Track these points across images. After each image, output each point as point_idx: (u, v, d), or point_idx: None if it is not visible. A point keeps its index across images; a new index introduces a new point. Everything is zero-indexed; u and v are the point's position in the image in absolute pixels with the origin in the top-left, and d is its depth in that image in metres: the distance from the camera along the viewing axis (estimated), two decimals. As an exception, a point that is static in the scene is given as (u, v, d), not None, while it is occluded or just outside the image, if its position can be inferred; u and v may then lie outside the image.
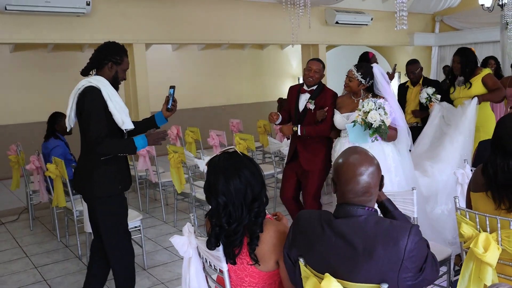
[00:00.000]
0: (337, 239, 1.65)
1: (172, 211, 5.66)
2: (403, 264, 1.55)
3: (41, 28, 6.36)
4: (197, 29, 7.72)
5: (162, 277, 3.91)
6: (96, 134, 2.84)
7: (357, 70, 3.73)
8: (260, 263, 1.98)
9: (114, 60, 2.99)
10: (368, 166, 1.70)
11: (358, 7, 9.54)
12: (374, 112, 3.42)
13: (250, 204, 1.96)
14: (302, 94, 4.13)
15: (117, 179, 3.02)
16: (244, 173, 1.96)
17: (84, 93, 2.90)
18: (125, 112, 2.98)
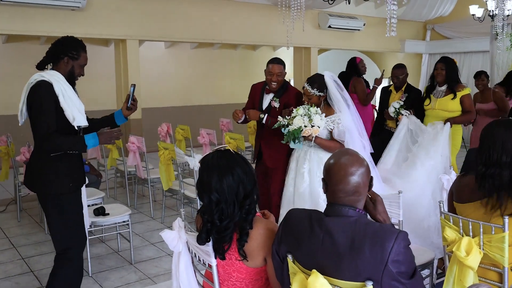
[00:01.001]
0: (326, 236, 1.71)
1: (160, 207, 5.70)
2: (387, 266, 1.60)
3: (35, 20, 6.38)
4: (190, 28, 7.77)
5: (149, 272, 3.95)
6: (45, 129, 2.75)
7: (312, 87, 3.66)
8: (248, 259, 2.03)
9: (71, 55, 2.89)
10: (358, 166, 1.76)
11: (352, 12, 9.65)
12: (299, 117, 3.44)
13: (241, 201, 2.01)
14: (266, 94, 4.13)
15: (68, 176, 2.91)
16: (237, 171, 2.01)
17: (35, 87, 2.81)
18: (78, 108, 2.88)
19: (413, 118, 4.66)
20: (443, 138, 4.42)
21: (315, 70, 9.76)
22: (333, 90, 3.68)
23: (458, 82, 4.74)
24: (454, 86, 4.67)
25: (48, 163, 2.86)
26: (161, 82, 10.49)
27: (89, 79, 9.62)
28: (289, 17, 6.02)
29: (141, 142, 5.51)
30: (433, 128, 4.54)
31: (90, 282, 3.78)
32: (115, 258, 4.28)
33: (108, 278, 3.85)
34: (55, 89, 2.79)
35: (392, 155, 4.51)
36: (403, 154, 4.48)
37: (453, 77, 4.69)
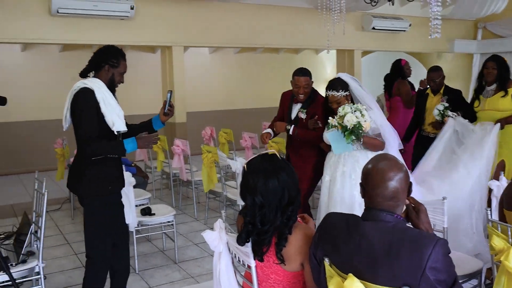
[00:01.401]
0: (363, 241, 1.73)
1: (203, 209, 5.87)
2: (424, 273, 1.59)
3: (88, 30, 6.70)
4: (233, 33, 7.92)
5: (192, 272, 4.10)
6: (87, 134, 2.89)
7: (336, 90, 3.58)
8: (285, 263, 2.09)
9: (111, 63, 3.04)
10: (397, 172, 1.77)
11: (396, 12, 9.52)
12: (350, 114, 3.34)
13: (284, 207, 2.05)
14: (294, 104, 4.10)
15: (107, 179, 3.04)
16: (282, 176, 2.05)
17: (78, 94, 2.95)
18: (118, 114, 2.99)
19: (461, 119, 4.47)
20: (491, 140, 4.22)
21: (359, 72, 9.70)
22: (355, 86, 3.62)
23: (509, 79, 4.53)
24: (505, 84, 4.49)
25: (89, 166, 2.98)
26: (205, 87, 10.73)
27: (136, 84, 10.04)
28: (330, 20, 6.02)
29: (185, 145, 5.69)
30: (481, 128, 4.35)
31: (136, 279, 3.96)
32: (160, 257, 4.46)
33: (154, 275, 4.03)
34: (96, 96, 2.92)
35: (434, 157, 4.35)
36: (447, 156, 4.32)
37: (505, 76, 4.50)
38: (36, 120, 8.99)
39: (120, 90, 9.03)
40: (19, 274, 3.06)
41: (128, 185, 3.98)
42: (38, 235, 3.21)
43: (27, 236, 3.21)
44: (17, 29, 6.30)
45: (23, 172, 8.54)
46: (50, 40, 6.84)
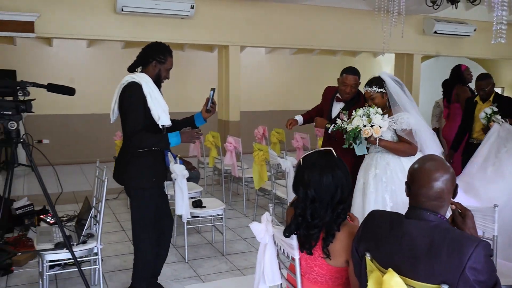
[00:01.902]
0: (405, 238, 1.76)
1: (252, 206, 5.98)
2: (464, 272, 1.60)
3: (150, 28, 6.99)
4: (290, 34, 7.99)
5: (238, 264, 4.21)
6: (133, 126, 2.99)
7: (370, 86, 3.53)
8: (330, 258, 2.14)
9: (158, 59, 3.12)
10: (443, 173, 1.79)
11: (461, 16, 9.22)
12: (357, 118, 3.33)
13: (336, 205, 2.11)
14: (336, 103, 4.06)
15: (151, 172, 3.16)
16: (337, 173, 2.11)
17: (126, 88, 3.06)
18: (163, 109, 3.08)
19: (506, 125, 4.36)
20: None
21: (418, 77, 9.50)
22: (393, 86, 3.52)
23: None
24: None
25: (134, 158, 3.10)
26: (259, 87, 10.87)
27: (193, 82, 10.30)
28: (387, 22, 5.95)
29: (238, 142, 5.82)
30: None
31: (185, 268, 4.12)
32: (208, 248, 4.61)
33: (202, 265, 4.17)
34: (143, 90, 3.02)
35: (478, 161, 4.25)
36: (491, 160, 4.21)
37: None
38: (97, 113, 9.42)
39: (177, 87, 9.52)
40: (79, 253, 3.29)
41: (182, 178, 4.16)
42: (97, 219, 3.43)
43: (88, 219, 3.43)
44: (84, 26, 6.68)
45: (84, 162, 9.01)
46: (114, 37, 7.18)
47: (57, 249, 3.21)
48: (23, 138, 2.66)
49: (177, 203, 4.21)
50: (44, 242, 3.33)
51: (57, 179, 3.18)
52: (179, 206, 4.18)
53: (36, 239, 3.45)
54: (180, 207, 4.17)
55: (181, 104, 8.50)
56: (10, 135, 2.60)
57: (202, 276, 3.94)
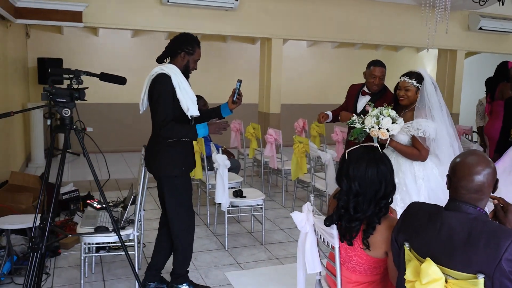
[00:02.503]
0: (443, 229, 1.81)
1: (291, 197, 6.04)
2: (500, 263, 1.64)
3: (194, 19, 7.11)
4: (332, 28, 7.96)
5: (277, 254, 4.28)
6: (163, 117, 3.03)
7: (410, 77, 3.50)
8: (370, 249, 2.20)
9: (187, 50, 3.14)
10: (484, 166, 1.82)
11: (507, 13, 8.97)
12: (369, 118, 3.38)
13: (378, 200, 2.15)
14: (362, 96, 4.08)
15: (181, 161, 3.21)
16: (382, 168, 2.15)
17: (156, 79, 3.09)
18: (192, 99, 3.11)
19: None
20: None
21: (460, 74, 9.29)
22: (428, 84, 3.49)
23: None
24: None
25: (164, 148, 3.16)
26: (300, 80, 10.87)
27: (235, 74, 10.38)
28: (432, 17, 5.86)
29: (278, 134, 5.88)
30: None
31: (225, 255, 4.22)
32: (247, 237, 4.70)
33: (241, 253, 4.27)
34: (173, 81, 3.06)
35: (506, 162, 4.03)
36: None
37: None
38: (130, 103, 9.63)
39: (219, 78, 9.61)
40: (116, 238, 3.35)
41: (223, 168, 4.26)
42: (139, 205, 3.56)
43: (128, 205, 3.58)
44: (130, 17, 6.86)
45: (126, 150, 9.28)
46: (159, 28, 7.34)
47: (96, 233, 3.36)
48: (76, 125, 2.79)
49: (217, 191, 4.31)
50: (87, 225, 3.49)
51: (102, 167, 3.30)
52: (219, 195, 4.29)
53: (80, 223, 3.62)
54: (221, 195, 4.28)
55: (222, 96, 8.61)
56: (64, 122, 2.72)
57: (242, 264, 4.04)
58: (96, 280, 3.71)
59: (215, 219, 4.91)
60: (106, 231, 3.36)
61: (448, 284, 1.73)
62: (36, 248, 2.55)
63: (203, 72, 9.50)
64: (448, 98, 9.10)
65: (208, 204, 5.11)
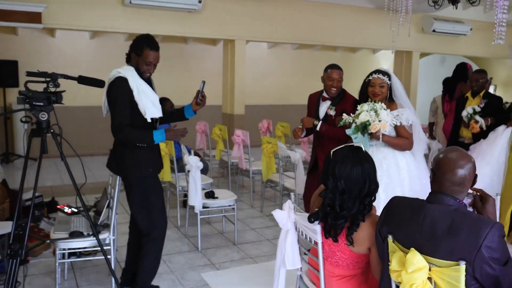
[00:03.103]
0: (426, 220, 1.92)
1: (258, 197, 6.11)
2: (480, 251, 1.77)
3: (156, 21, 7.08)
4: (293, 30, 8.12)
5: (250, 253, 4.33)
6: (118, 122, 2.96)
7: (382, 75, 3.62)
8: (354, 245, 2.29)
9: (136, 52, 3.06)
10: (467, 161, 1.96)
11: (458, 16, 9.41)
12: (365, 113, 3.41)
13: (363, 198, 2.25)
14: (323, 102, 4.13)
15: (148, 162, 3.15)
16: (366, 167, 2.25)
17: (112, 83, 3.03)
18: (152, 101, 3.04)
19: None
20: (501, 143, 4.24)
21: (416, 74, 9.67)
22: (395, 81, 3.66)
23: None
24: None
25: (130, 151, 3.10)
26: (262, 81, 10.99)
27: (197, 75, 10.37)
28: (395, 21, 6.10)
29: (246, 135, 5.94)
30: (493, 132, 4.36)
31: (199, 256, 4.24)
32: (219, 238, 4.73)
33: (215, 254, 4.29)
34: (130, 84, 2.98)
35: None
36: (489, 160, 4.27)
37: None
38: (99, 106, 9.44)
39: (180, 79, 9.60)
40: (93, 243, 3.35)
41: (196, 169, 4.27)
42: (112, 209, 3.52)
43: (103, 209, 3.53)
44: (92, 18, 6.75)
45: (85, 154, 9.05)
46: (121, 29, 7.26)
47: (73, 238, 3.31)
48: (53, 129, 2.74)
49: (190, 194, 4.32)
50: (61, 231, 3.43)
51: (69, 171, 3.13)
52: (192, 197, 4.30)
53: (53, 228, 3.54)
54: (194, 198, 4.29)
55: (184, 97, 8.58)
56: (40, 126, 2.68)
57: (216, 264, 4.06)
58: (69, 286, 3.64)
59: (186, 221, 4.91)
60: (81, 236, 3.31)
61: (432, 271, 1.84)
62: (15, 255, 2.50)
63: (165, 73, 9.45)
64: (404, 97, 9.44)
65: (178, 206, 5.10)
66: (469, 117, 4.63)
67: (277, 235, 4.61)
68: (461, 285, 1.78)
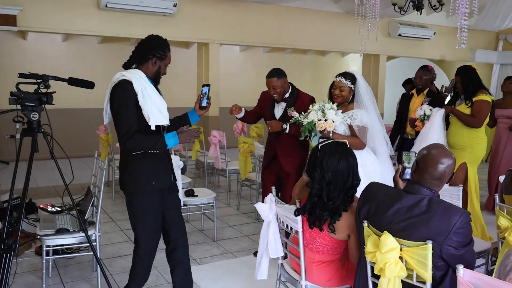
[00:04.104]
0: (402, 208, 2.13)
1: (234, 196, 6.30)
2: (449, 235, 2.00)
3: (131, 24, 7.18)
4: (265, 33, 8.35)
5: (230, 248, 4.50)
6: (126, 128, 2.72)
7: (345, 78, 3.68)
8: (335, 233, 2.50)
9: (159, 55, 2.86)
10: (449, 158, 2.17)
11: (422, 21, 9.84)
12: (313, 113, 3.52)
13: (347, 190, 2.46)
14: (277, 104, 4.12)
15: (150, 175, 2.85)
16: (351, 161, 2.47)
17: (116, 86, 2.79)
18: (158, 107, 2.79)
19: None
20: (436, 122, 4.40)
21: (383, 76, 10.04)
22: (363, 85, 3.73)
23: (478, 89, 4.59)
24: (473, 94, 4.58)
25: (133, 161, 2.84)
26: (235, 84, 11.17)
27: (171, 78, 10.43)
28: (364, 25, 6.37)
29: (222, 136, 6.10)
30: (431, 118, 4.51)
31: (180, 252, 4.37)
32: (199, 235, 4.88)
33: (196, 250, 4.44)
34: (134, 87, 2.74)
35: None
36: None
37: (470, 88, 4.59)
38: (71, 108, 9.42)
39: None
40: (80, 239, 3.48)
41: (177, 168, 4.40)
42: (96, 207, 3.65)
43: (88, 208, 3.65)
44: (67, 21, 6.79)
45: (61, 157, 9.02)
46: (96, 32, 7.32)
47: (61, 234, 3.42)
48: (44, 129, 2.85)
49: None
50: (47, 228, 3.52)
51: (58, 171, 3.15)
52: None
53: (39, 226, 3.63)
54: (174, 195, 4.40)
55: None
56: (32, 126, 2.79)
57: (198, 260, 4.21)
58: (54, 283, 3.72)
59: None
60: (68, 233, 3.41)
61: (403, 251, 2.06)
62: (9, 250, 2.60)
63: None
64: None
65: (158, 205, 5.23)
66: (422, 117, 4.68)
67: (255, 231, 4.85)
68: (428, 262, 1.99)
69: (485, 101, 4.53)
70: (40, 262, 4.05)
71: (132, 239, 4.62)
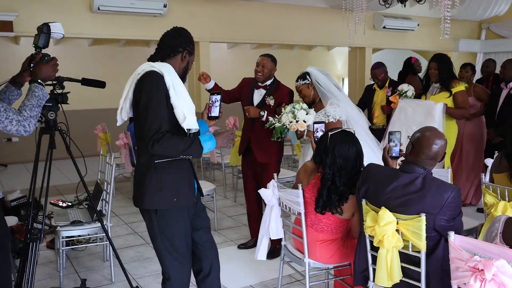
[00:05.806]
0: (398, 186, 2.36)
1: (230, 189, 6.54)
2: (442, 209, 2.24)
3: (123, 26, 7.31)
4: (252, 30, 8.55)
5: (231, 237, 4.73)
6: (156, 128, 2.29)
7: (296, 81, 3.87)
8: (341, 214, 2.74)
9: (189, 49, 2.56)
10: (442, 140, 2.41)
11: (405, 12, 10.08)
12: (285, 115, 3.67)
13: (354, 175, 2.70)
14: (256, 90, 4.20)
15: (172, 189, 2.43)
16: (359, 148, 2.72)
17: (143, 78, 2.40)
18: (189, 108, 2.40)
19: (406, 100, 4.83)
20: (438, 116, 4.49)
21: (369, 69, 10.29)
22: (318, 75, 3.81)
23: (453, 78, 4.73)
24: (449, 84, 4.70)
25: (152, 173, 2.42)
26: (224, 80, 11.33)
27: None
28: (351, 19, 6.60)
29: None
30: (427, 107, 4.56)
31: (185, 242, 4.59)
32: (201, 226, 5.09)
33: (199, 239, 4.65)
34: (166, 81, 2.37)
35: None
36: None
37: (446, 75, 4.71)
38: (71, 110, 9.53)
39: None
40: (93, 230, 3.73)
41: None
42: (106, 199, 3.86)
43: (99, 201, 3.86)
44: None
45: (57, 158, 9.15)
46: (88, 35, 7.44)
47: (73, 226, 3.64)
48: (60, 127, 3.05)
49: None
50: (62, 221, 3.74)
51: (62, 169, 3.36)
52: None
53: (53, 219, 3.85)
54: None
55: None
56: (49, 124, 2.98)
57: (202, 247, 4.43)
58: (69, 273, 3.92)
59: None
60: (82, 224, 3.63)
61: (399, 224, 2.30)
62: (35, 238, 2.80)
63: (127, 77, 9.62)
64: (359, 90, 10.05)
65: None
66: (402, 92, 4.85)
67: (253, 220, 5.04)
68: (422, 233, 2.24)
69: (464, 91, 4.73)
70: (52, 255, 4.26)
71: (137, 231, 4.89)
